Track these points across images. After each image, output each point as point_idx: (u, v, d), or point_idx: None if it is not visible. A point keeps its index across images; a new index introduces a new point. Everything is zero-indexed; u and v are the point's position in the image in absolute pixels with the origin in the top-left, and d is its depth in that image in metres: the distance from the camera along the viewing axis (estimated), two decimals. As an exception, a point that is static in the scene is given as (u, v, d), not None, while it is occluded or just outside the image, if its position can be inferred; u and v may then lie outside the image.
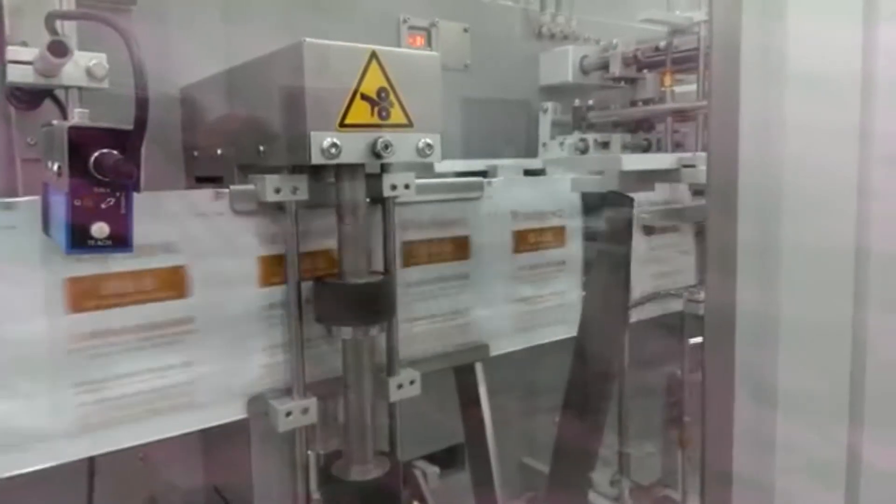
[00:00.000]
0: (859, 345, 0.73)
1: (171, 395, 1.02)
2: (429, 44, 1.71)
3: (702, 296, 1.50)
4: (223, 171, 1.22)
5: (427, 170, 1.67)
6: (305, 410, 1.08)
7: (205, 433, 1.11)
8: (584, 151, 1.80)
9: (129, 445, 0.99)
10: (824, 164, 0.68)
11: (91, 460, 1.15)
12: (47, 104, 1.12)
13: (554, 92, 1.93)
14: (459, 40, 1.76)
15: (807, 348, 0.72)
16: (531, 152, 1.96)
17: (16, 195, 1.15)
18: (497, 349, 1.40)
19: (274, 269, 1.09)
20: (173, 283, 1.01)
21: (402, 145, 1.04)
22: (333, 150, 0.97)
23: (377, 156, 1.01)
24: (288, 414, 1.06)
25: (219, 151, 1.22)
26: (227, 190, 1.05)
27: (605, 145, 1.79)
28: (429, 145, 1.07)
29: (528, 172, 1.64)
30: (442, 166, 1.65)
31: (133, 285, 0.97)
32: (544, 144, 1.99)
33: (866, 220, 0.70)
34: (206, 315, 1.04)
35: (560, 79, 1.84)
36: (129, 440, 0.99)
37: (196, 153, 1.32)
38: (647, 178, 1.36)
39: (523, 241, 1.42)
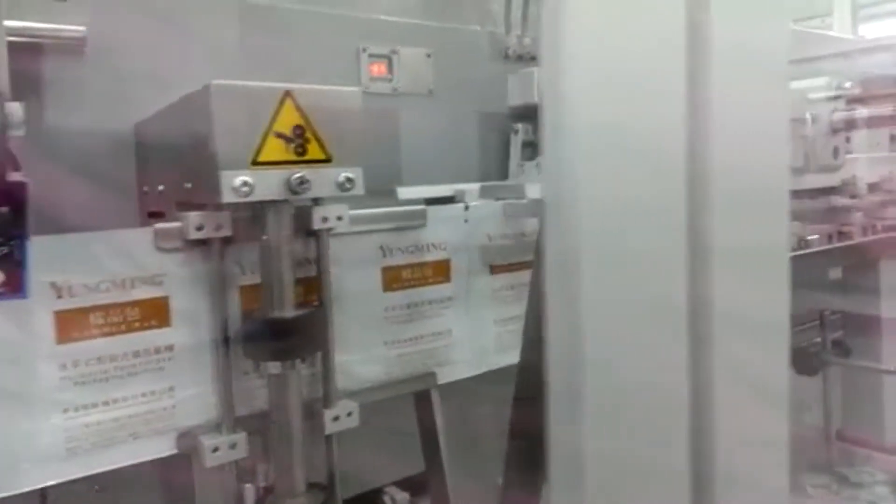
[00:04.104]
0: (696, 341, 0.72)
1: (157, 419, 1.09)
2: (390, 71, 1.72)
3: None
4: (166, 207, 1.25)
5: (390, 196, 1.67)
6: (234, 445, 1.09)
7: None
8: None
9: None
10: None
11: (42, 491, 1.17)
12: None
13: (528, 113, 1.92)
14: (422, 66, 1.77)
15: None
16: (505, 175, 1.95)
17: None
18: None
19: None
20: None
21: (321, 180, 1.05)
22: (245, 189, 0.99)
23: (293, 192, 1.03)
24: (215, 449, 1.07)
25: (160, 188, 1.24)
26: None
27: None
28: (349, 179, 1.08)
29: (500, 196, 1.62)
30: (407, 192, 1.66)
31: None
32: (521, 165, 1.98)
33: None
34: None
35: (526, 99, 1.84)
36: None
37: (145, 189, 1.35)
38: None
39: (396, 278, 1.34)
